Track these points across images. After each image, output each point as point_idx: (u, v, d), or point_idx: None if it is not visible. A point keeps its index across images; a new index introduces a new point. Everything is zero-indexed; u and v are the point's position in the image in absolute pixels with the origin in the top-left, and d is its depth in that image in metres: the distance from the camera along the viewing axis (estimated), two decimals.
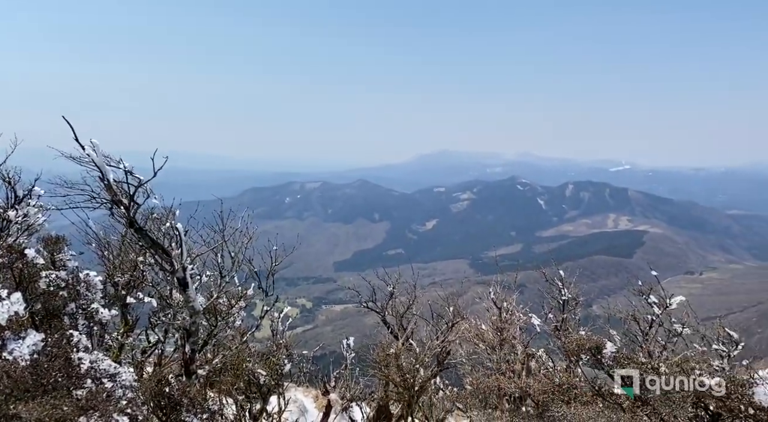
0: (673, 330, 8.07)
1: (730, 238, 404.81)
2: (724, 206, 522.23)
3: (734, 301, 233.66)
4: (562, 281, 9.58)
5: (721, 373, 4.71)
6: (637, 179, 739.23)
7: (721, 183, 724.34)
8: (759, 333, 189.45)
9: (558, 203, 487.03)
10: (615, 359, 4.39)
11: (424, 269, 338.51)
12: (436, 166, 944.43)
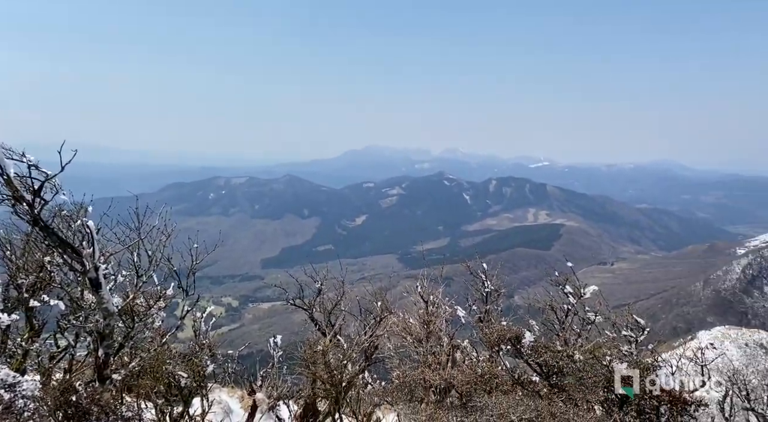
0: (587, 318, 8.52)
1: (638, 230, 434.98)
2: (633, 200, 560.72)
3: (642, 289, 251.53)
4: (485, 274, 9.88)
5: (629, 358, 5.01)
6: (555, 175, 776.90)
7: (630, 179, 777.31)
8: (663, 319, 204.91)
9: (482, 198, 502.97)
10: (533, 348, 4.56)
11: (354, 265, 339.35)
12: (364, 162, 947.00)
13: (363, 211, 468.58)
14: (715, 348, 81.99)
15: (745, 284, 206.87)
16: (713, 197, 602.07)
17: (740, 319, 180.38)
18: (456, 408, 5.02)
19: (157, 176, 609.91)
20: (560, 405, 3.82)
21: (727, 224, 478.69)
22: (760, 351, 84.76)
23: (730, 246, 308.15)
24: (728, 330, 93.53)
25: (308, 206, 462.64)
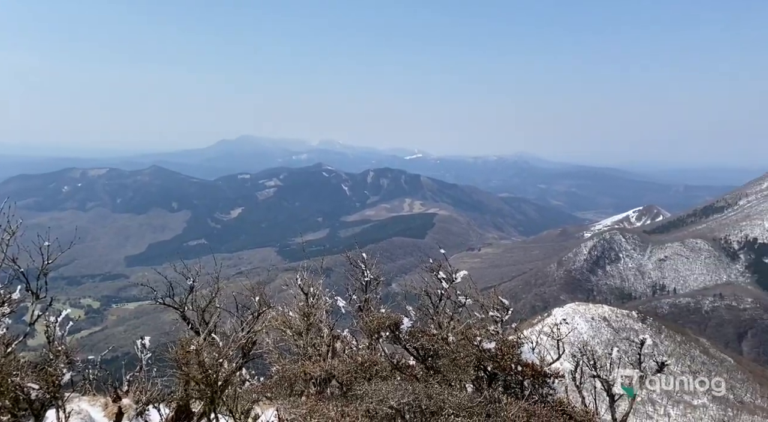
0: (459, 301, 9.00)
1: (501, 217, 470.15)
2: (497, 189, 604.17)
3: (505, 272, 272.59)
4: (365, 263, 10.05)
5: (497, 337, 5.41)
6: (428, 167, 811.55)
7: (494, 170, 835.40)
8: (524, 298, 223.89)
9: (361, 189, 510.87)
10: (410, 333, 4.73)
11: (230, 259, 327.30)
12: (239, 152, 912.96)
13: (238, 203, 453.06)
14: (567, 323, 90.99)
15: (591, 264, 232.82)
16: (565, 186, 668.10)
17: (587, 296, 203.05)
18: (337, 397, 5.05)
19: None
20: (436, 387, 4.01)
21: (576, 211, 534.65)
22: (604, 324, 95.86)
23: (578, 230, 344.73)
24: (578, 306, 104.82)
25: (177, 199, 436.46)
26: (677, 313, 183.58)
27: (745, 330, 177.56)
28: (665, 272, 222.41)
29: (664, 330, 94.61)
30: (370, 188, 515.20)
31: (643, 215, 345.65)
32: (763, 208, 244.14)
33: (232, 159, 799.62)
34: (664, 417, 63.30)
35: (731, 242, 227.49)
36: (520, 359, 4.14)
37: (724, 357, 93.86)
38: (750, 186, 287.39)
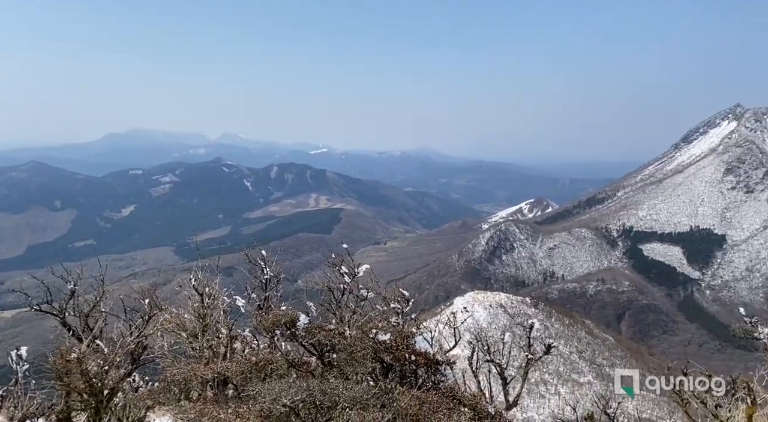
0: (361, 295, 9.08)
1: (406, 211, 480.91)
2: (401, 184, 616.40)
3: (411, 264, 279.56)
4: (264, 261, 9.83)
5: (393, 329, 5.52)
6: (334, 162, 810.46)
7: (398, 165, 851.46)
8: (428, 289, 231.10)
9: (264, 185, 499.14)
10: (307, 329, 4.70)
11: (122, 260, 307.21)
12: (130, 147, 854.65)
13: (130, 201, 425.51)
14: (467, 311, 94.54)
15: (488, 254, 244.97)
16: (464, 181, 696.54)
17: (486, 284, 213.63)
18: (231, 399, 4.90)
19: None
20: (332, 381, 4.02)
21: (475, 204, 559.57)
22: (501, 310, 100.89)
23: (477, 222, 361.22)
24: (477, 294, 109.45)
25: (61, 197, 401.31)
26: (565, 297, 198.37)
27: (623, 311, 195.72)
28: (554, 259, 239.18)
29: (554, 313, 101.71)
30: (273, 184, 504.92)
31: (534, 207, 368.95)
32: (638, 199, 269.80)
33: (122, 154, 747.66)
34: (555, 395, 68.22)
35: (611, 230, 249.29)
36: (414, 349, 4.27)
37: (606, 337, 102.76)
38: (626, 179, 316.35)
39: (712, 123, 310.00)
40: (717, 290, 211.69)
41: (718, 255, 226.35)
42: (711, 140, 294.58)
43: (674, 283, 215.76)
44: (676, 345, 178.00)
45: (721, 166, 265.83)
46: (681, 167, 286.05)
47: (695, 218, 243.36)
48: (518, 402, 9.88)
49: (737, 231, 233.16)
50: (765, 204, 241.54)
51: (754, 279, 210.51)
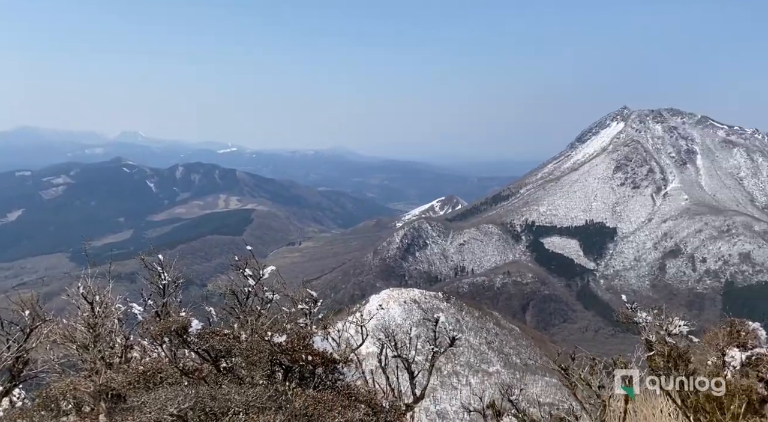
0: (266, 297, 8.92)
1: (320, 211, 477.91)
2: (315, 183, 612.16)
3: (326, 264, 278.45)
4: (162, 265, 9.37)
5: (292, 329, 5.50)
6: (244, 161, 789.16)
7: (312, 164, 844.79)
8: (344, 288, 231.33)
9: (169, 186, 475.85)
10: (199, 335, 4.54)
11: (9, 269, 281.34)
12: (16, 146, 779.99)
13: (17, 204, 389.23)
14: (383, 308, 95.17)
15: (403, 251, 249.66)
16: (378, 179, 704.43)
17: (401, 281, 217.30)
18: (117, 412, 4.62)
19: None
20: (224, 387, 3.91)
21: (389, 202, 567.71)
22: (415, 306, 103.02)
23: (391, 221, 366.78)
24: (392, 291, 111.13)
25: None
26: (475, 291, 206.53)
27: (527, 302, 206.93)
28: (465, 254, 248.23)
29: (465, 307, 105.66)
30: (179, 184, 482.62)
31: (445, 205, 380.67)
32: (539, 195, 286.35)
33: (7, 154, 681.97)
34: (466, 386, 70.87)
35: (515, 225, 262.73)
36: (311, 350, 4.27)
37: (512, 327, 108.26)
38: (528, 177, 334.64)
39: (602, 124, 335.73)
40: (610, 279, 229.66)
41: (610, 247, 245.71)
42: (602, 140, 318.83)
43: (572, 274, 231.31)
44: (575, 332, 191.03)
45: (612, 164, 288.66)
46: (576, 166, 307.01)
47: (590, 213, 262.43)
48: (425, 394, 10.14)
49: (626, 224, 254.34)
50: (649, 199, 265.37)
51: (641, 268, 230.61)
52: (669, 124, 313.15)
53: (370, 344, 11.72)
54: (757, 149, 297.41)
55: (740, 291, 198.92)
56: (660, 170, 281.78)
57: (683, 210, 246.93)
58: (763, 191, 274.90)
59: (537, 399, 30.55)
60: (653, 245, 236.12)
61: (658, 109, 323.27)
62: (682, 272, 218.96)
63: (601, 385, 7.30)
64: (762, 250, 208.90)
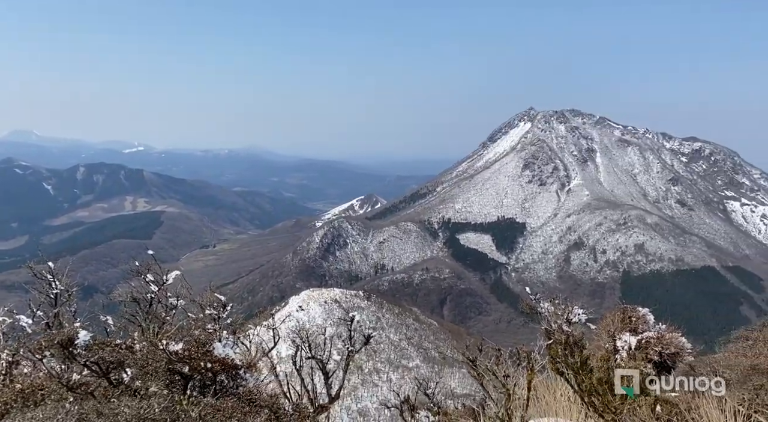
0: (170, 303, 8.48)
1: (236, 212, 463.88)
2: (230, 183, 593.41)
3: (243, 266, 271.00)
4: (53, 274, 8.64)
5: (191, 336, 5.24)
6: (152, 161, 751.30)
7: (226, 163, 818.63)
8: (262, 291, 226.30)
9: (69, 188, 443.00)
10: (87, 347, 4.22)
11: None
12: None
13: None
14: (302, 309, 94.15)
15: (323, 251, 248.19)
16: (296, 179, 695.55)
17: (321, 281, 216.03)
18: None
19: None
20: (113, 401, 3.65)
21: (308, 202, 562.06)
22: (335, 306, 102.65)
23: (311, 220, 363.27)
24: (312, 292, 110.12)
25: None
26: (395, 288, 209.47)
27: (445, 297, 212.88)
28: (384, 252, 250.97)
29: (385, 304, 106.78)
30: (81, 186, 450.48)
31: (365, 203, 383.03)
32: (454, 193, 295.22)
33: None
34: (387, 382, 71.66)
35: (433, 223, 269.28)
36: (212, 356, 4.08)
37: (431, 322, 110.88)
38: (444, 175, 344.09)
39: (511, 124, 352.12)
40: (520, 272, 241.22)
41: (520, 241, 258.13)
42: (511, 140, 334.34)
43: (486, 268, 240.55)
44: (490, 324, 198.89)
45: (520, 162, 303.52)
46: (488, 164, 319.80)
47: (501, 209, 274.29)
48: (341, 393, 10.10)
49: (534, 219, 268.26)
50: (554, 195, 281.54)
51: (548, 260, 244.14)
52: (571, 124, 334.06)
53: (289, 346, 11.51)
54: (648, 148, 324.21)
55: (636, 280, 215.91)
56: (564, 167, 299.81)
57: (585, 205, 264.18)
58: (654, 186, 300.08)
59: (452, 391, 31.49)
60: (559, 238, 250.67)
61: (561, 110, 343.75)
62: (585, 263, 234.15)
63: (507, 375, 7.58)
64: (654, 241, 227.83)
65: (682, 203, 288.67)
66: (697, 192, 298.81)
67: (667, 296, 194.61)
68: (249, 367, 4.49)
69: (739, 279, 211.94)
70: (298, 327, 20.35)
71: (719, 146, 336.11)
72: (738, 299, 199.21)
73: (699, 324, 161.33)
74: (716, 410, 5.34)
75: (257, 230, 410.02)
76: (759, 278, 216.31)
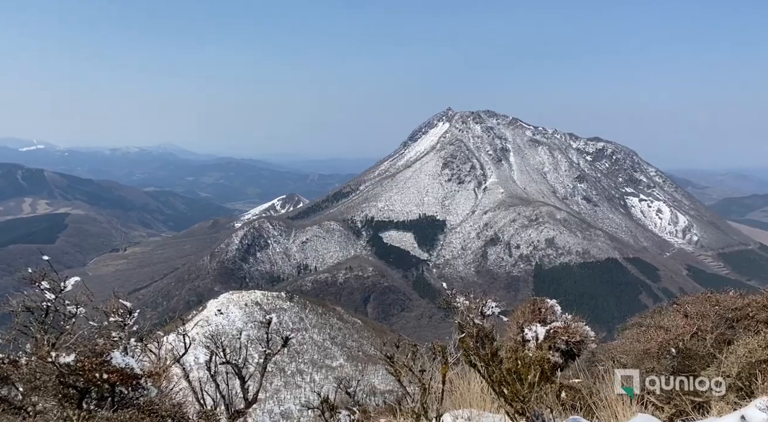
0: (69, 312, 7.89)
1: (148, 213, 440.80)
2: (141, 183, 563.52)
3: (157, 270, 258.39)
4: None
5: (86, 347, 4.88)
6: (54, 160, 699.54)
7: (137, 163, 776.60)
8: (178, 295, 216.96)
9: None
10: None
11: None
12: None
13: None
14: (222, 313, 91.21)
15: (243, 252, 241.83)
16: (213, 178, 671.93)
17: (241, 283, 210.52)
18: None
19: None
20: None
21: (226, 202, 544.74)
22: (256, 308, 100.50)
23: (229, 221, 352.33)
24: (232, 295, 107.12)
25: None
26: (319, 288, 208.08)
27: (368, 295, 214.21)
28: (308, 252, 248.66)
29: (309, 305, 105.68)
30: None
31: (286, 203, 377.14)
32: (377, 192, 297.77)
33: None
34: (310, 383, 71.01)
35: (356, 221, 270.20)
36: (110, 366, 3.81)
37: (355, 321, 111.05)
38: (366, 174, 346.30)
39: (431, 124, 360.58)
40: (441, 268, 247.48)
41: (441, 238, 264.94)
42: (431, 139, 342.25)
43: (409, 265, 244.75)
44: (412, 320, 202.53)
45: (440, 161, 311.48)
46: (409, 163, 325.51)
47: (422, 207, 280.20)
48: (258, 398, 9.87)
49: (454, 216, 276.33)
50: (472, 193, 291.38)
51: (467, 256, 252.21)
52: (486, 124, 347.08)
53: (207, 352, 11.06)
54: (556, 147, 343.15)
55: (547, 272, 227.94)
56: (480, 166, 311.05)
57: (500, 202, 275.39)
58: (562, 184, 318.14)
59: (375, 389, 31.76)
60: (476, 234, 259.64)
61: (477, 111, 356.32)
62: (501, 258, 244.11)
63: (423, 369, 7.73)
64: (563, 236, 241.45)
65: (587, 200, 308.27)
66: (601, 189, 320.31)
67: (575, 287, 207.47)
68: (151, 376, 4.25)
69: (638, 270, 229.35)
70: (217, 331, 19.69)
71: (620, 146, 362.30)
72: (638, 288, 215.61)
73: (603, 312, 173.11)
74: (614, 392, 5.72)
75: (172, 232, 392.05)
76: (655, 269, 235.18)
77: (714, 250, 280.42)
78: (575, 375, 7.60)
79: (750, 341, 5.16)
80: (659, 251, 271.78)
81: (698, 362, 6.10)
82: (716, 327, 6.32)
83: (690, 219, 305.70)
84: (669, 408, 5.78)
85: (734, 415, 3.73)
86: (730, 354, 5.34)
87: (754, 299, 6.58)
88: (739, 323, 6.34)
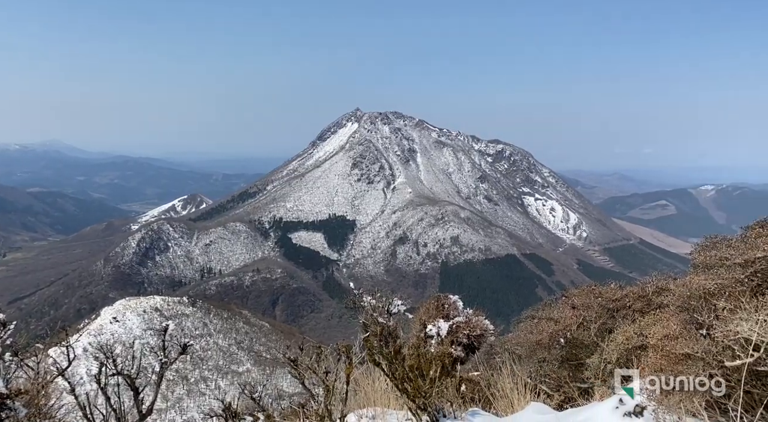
0: None
1: (32, 216, 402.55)
2: (23, 184, 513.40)
3: (42, 277, 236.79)
4: None
5: None
6: None
7: (18, 161, 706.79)
8: (67, 303, 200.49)
9: None
10: None
11: None
12: None
13: None
14: (117, 321, 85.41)
15: (140, 256, 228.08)
16: (107, 178, 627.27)
17: (139, 289, 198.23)
18: None
19: None
20: None
21: (121, 203, 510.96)
22: (156, 315, 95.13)
23: (125, 223, 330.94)
24: (129, 301, 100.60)
25: None
26: (223, 292, 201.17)
27: (277, 297, 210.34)
28: (211, 255, 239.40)
29: (213, 309, 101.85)
30: None
31: (188, 204, 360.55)
32: (285, 192, 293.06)
33: None
34: (215, 390, 68.43)
35: (263, 222, 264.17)
36: None
37: (263, 324, 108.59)
38: (274, 174, 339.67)
39: (340, 124, 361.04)
40: (351, 267, 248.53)
41: (351, 238, 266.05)
42: (340, 139, 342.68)
43: (318, 265, 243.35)
44: (322, 321, 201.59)
45: (349, 161, 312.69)
46: (319, 163, 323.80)
47: (332, 207, 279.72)
48: (153, 409, 9.26)
49: (363, 216, 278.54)
50: (381, 192, 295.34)
51: (377, 255, 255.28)
52: (394, 125, 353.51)
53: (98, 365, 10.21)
54: (460, 149, 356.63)
55: (452, 269, 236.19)
56: (389, 166, 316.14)
57: (408, 202, 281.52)
58: (465, 184, 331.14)
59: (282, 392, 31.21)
60: (386, 234, 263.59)
61: (385, 112, 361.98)
62: (410, 256, 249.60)
63: (327, 371, 7.66)
64: (467, 234, 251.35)
65: (488, 199, 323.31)
66: (501, 189, 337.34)
67: (477, 282, 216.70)
68: (20, 395, 3.82)
69: (534, 264, 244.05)
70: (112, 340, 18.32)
71: (517, 148, 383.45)
72: (534, 282, 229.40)
73: (504, 306, 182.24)
74: (509, 383, 5.98)
75: (60, 235, 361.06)
76: (549, 263, 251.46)
77: (600, 245, 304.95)
78: (475, 368, 7.88)
79: (627, 329, 5.61)
80: (553, 246, 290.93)
81: (584, 350, 6.55)
82: (599, 317, 6.82)
83: (580, 217, 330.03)
84: (558, 395, 6.16)
85: (613, 398, 4.04)
86: (610, 342, 5.78)
87: (632, 290, 7.17)
88: (618, 313, 6.89)
